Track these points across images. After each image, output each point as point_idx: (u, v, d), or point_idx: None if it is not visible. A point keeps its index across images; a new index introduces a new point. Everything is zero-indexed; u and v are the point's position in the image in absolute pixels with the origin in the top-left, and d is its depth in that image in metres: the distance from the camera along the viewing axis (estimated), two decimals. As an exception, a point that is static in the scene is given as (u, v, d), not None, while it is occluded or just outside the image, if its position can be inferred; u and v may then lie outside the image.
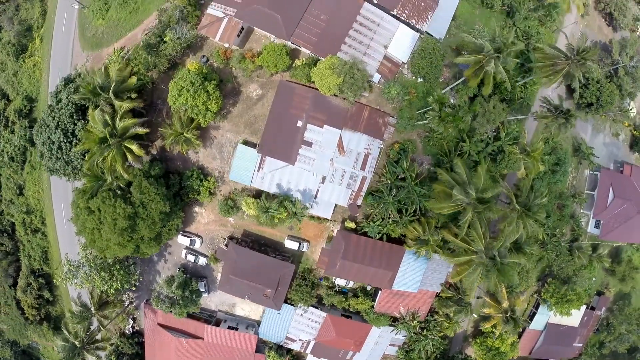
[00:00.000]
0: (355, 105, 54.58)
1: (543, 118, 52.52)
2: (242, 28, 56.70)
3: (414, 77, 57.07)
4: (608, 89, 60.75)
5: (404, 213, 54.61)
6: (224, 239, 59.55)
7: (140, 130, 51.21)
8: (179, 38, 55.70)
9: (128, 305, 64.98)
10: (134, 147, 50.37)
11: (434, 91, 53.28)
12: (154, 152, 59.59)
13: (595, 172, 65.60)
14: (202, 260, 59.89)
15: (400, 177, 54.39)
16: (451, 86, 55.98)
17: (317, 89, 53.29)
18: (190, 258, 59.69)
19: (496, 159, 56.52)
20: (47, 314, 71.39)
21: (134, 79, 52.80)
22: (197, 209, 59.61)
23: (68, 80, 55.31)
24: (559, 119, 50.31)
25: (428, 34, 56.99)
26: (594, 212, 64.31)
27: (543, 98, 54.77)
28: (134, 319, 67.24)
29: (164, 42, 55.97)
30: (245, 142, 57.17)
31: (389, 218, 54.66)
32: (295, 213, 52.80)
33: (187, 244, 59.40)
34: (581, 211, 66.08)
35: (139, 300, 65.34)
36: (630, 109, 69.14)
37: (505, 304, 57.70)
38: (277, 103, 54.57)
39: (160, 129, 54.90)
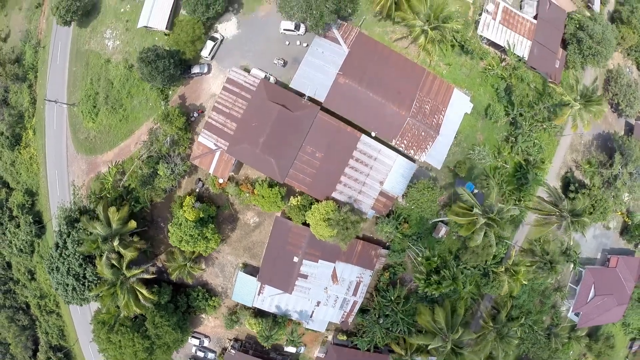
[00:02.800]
0: (348, 241, 61.30)
1: (528, 266, 59.41)
2: (237, 156, 61.16)
3: (408, 204, 62.79)
4: (602, 206, 65.96)
5: (390, 330, 64.55)
6: (230, 340, 70.67)
7: (147, 275, 59.32)
8: (172, 171, 60.69)
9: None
10: (144, 291, 58.84)
11: (425, 250, 59.75)
12: (159, 264, 68.13)
13: (580, 269, 73.59)
14: (211, 356, 71.55)
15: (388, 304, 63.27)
16: (442, 219, 62.05)
17: (312, 227, 59.76)
18: (200, 354, 71.36)
19: (482, 280, 64.69)
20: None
21: (134, 223, 59.14)
22: (204, 315, 69.60)
23: (70, 221, 61.05)
24: (543, 268, 57.40)
25: (426, 163, 61.22)
26: (574, 306, 73.43)
27: (530, 240, 61.02)
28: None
29: (158, 174, 61.04)
30: (245, 265, 65.22)
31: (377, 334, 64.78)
32: (293, 341, 63.08)
33: (197, 344, 70.77)
34: (563, 301, 75.42)
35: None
36: (626, 201, 74.60)
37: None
38: (274, 239, 61.26)
39: (165, 263, 62.85)
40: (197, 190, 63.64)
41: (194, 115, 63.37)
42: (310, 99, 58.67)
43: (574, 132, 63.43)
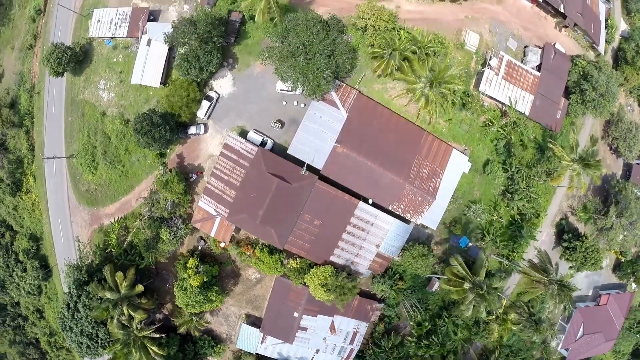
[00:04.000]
0: (346, 298, 65.07)
1: (515, 324, 63.39)
2: (237, 216, 63.70)
3: (403, 263, 65.79)
4: (593, 257, 68.93)
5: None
6: (235, 379, 76.80)
7: (157, 334, 63.86)
8: (174, 235, 63.50)
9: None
10: (155, 348, 63.63)
11: (419, 311, 63.39)
12: (165, 312, 72.65)
13: (571, 310, 77.75)
14: (218, 393, 78.18)
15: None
16: (436, 276, 65.41)
17: (312, 285, 63.43)
18: (208, 392, 77.91)
19: (473, 328, 69.09)
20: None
21: (141, 287, 62.76)
22: (210, 358, 75.07)
23: (80, 284, 65.13)
24: (529, 328, 61.45)
25: (422, 225, 63.66)
26: (564, 343, 78.47)
27: (519, 302, 64.53)
28: None
29: (161, 239, 63.94)
30: (248, 315, 69.62)
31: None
32: (294, 387, 68.77)
33: (205, 383, 77.04)
34: (553, 338, 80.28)
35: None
36: (619, 241, 77.29)
37: None
38: (275, 296, 65.21)
39: (172, 319, 67.29)
40: (200, 248, 66.81)
41: (193, 176, 65.25)
42: (309, 166, 60.24)
43: (571, 192, 65.22)
